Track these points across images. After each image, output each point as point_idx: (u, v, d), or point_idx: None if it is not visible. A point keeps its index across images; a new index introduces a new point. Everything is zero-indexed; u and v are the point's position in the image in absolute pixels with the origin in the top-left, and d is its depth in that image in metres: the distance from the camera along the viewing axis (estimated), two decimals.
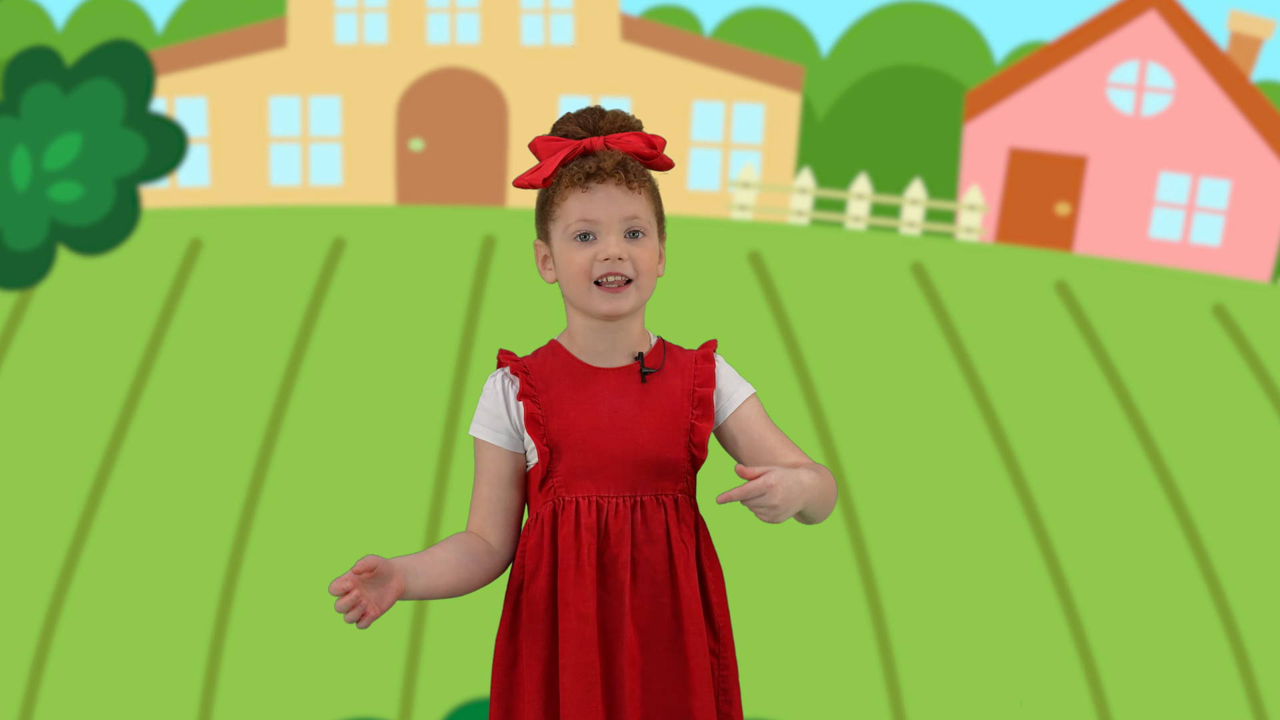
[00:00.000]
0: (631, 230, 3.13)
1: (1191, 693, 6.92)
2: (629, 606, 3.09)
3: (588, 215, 3.11)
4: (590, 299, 3.12)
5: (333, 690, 6.73)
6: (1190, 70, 8.14)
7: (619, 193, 3.12)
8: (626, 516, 3.12)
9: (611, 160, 3.12)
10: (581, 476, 3.13)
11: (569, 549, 3.10)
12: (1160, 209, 8.19)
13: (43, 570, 7.07)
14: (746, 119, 8.28)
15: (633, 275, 3.12)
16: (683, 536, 3.14)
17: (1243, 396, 7.56)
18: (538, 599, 3.12)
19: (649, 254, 3.13)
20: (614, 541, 3.11)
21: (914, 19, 8.24)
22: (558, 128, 3.18)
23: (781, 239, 8.06)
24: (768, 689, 6.39)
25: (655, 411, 3.14)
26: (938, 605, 6.97)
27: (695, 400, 3.16)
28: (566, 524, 3.11)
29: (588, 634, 3.08)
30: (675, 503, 3.14)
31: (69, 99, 7.78)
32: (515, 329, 7.43)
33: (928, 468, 7.30)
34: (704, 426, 3.16)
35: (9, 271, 7.75)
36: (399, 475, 7.12)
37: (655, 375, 3.16)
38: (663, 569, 3.12)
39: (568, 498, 3.13)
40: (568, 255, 3.13)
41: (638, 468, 3.13)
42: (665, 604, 3.12)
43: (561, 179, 3.13)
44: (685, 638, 3.11)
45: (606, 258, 3.10)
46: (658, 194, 3.18)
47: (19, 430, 7.40)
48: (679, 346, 3.22)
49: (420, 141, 8.26)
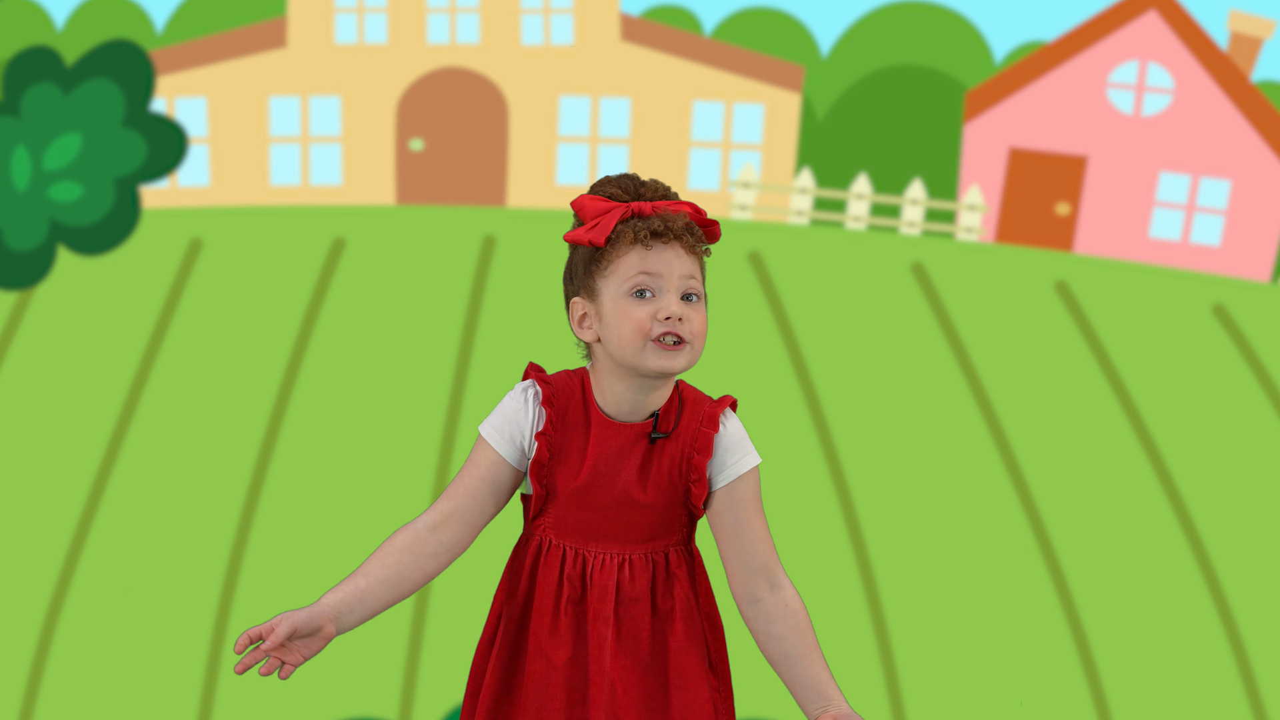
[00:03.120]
0: (688, 292, 3.11)
1: (1191, 693, 6.92)
2: (611, 664, 3.08)
3: (650, 269, 3.08)
4: (644, 355, 3.08)
5: (333, 690, 6.73)
6: (1190, 70, 8.14)
7: (682, 252, 3.10)
8: (613, 573, 3.10)
9: (680, 221, 3.10)
10: (570, 527, 3.12)
11: (547, 594, 3.10)
12: (1160, 209, 8.19)
13: (43, 570, 7.07)
14: (746, 119, 8.28)
15: (688, 338, 3.09)
16: (671, 592, 3.12)
17: (1243, 396, 7.56)
18: (510, 623, 3.12)
19: (703, 319, 3.11)
20: (596, 596, 3.10)
21: (914, 19, 8.24)
22: (598, 189, 3.16)
23: (781, 239, 8.06)
24: (768, 689, 6.39)
25: (653, 480, 3.12)
26: (938, 605, 6.97)
27: (690, 467, 3.14)
28: (550, 568, 3.11)
29: (554, 680, 3.07)
30: (666, 559, 3.14)
31: (69, 99, 7.79)
32: (515, 329, 7.44)
33: (928, 468, 7.29)
34: (699, 492, 3.13)
35: (9, 271, 7.75)
36: (398, 475, 7.12)
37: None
38: (645, 625, 3.10)
39: (555, 541, 3.12)
40: (623, 311, 3.09)
41: (630, 528, 3.11)
42: (645, 660, 3.10)
43: (623, 235, 3.10)
44: (672, 693, 3.09)
45: (668, 316, 3.07)
46: (705, 267, 3.17)
47: (19, 430, 7.40)
48: (697, 393, 3.20)
49: (420, 141, 8.26)
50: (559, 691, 3.07)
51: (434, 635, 6.87)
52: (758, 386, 7.38)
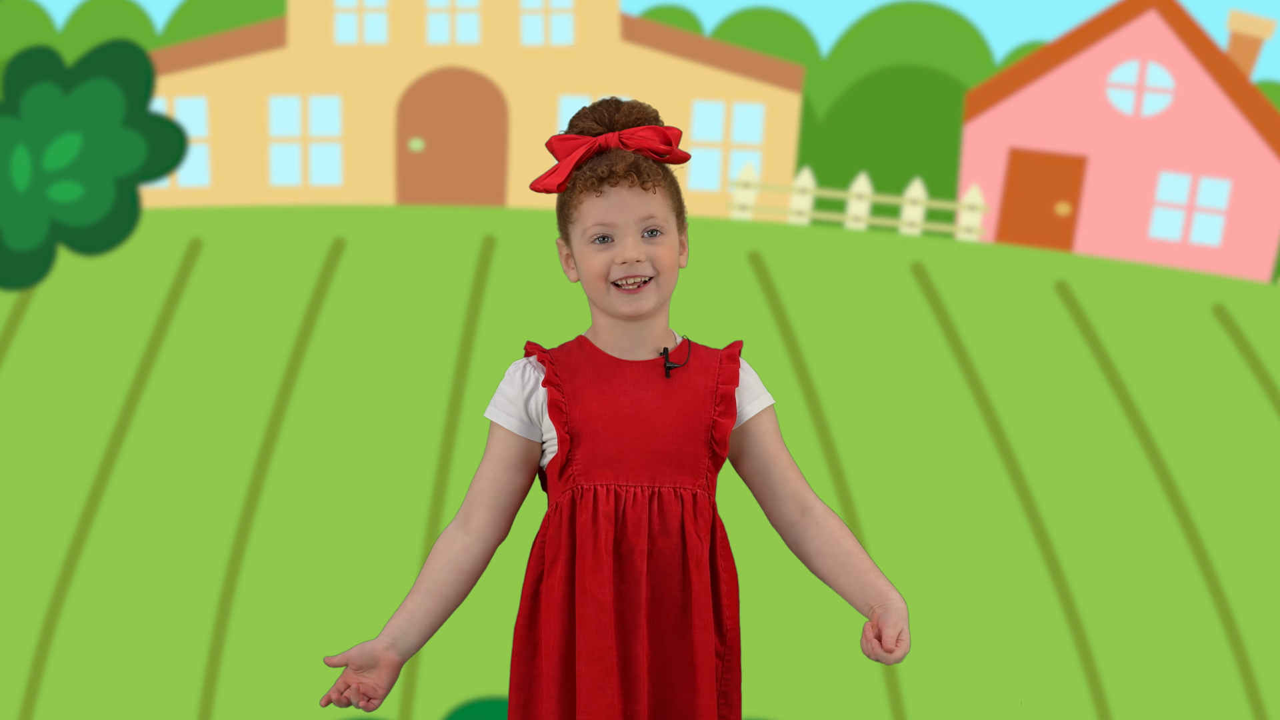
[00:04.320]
0: (649, 230, 3.13)
1: (1191, 693, 6.92)
2: (645, 597, 3.10)
3: (603, 219, 3.12)
4: (610, 301, 3.14)
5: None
6: (1190, 70, 8.14)
7: (633, 195, 3.12)
8: (644, 506, 3.12)
9: (624, 163, 3.12)
10: (600, 465, 3.13)
11: (587, 536, 3.11)
12: (1160, 209, 8.19)
13: (43, 570, 7.07)
14: (746, 119, 8.28)
15: (652, 274, 3.13)
16: (698, 531, 3.14)
17: (1243, 396, 7.56)
18: (556, 587, 3.13)
19: (667, 251, 3.13)
20: (631, 530, 3.11)
21: (914, 19, 8.24)
22: (574, 124, 3.20)
23: (781, 239, 8.06)
24: (768, 689, 6.39)
25: (677, 405, 3.15)
26: (937, 605, 6.97)
27: (718, 397, 3.17)
28: (585, 512, 3.12)
29: (604, 621, 3.08)
30: (694, 498, 3.14)
31: (69, 99, 7.78)
32: (515, 329, 7.43)
33: (928, 467, 7.30)
34: (725, 424, 3.16)
35: (9, 271, 7.75)
36: (399, 475, 7.12)
37: (679, 371, 3.16)
38: (675, 562, 3.12)
39: (586, 486, 3.13)
40: (587, 259, 3.14)
41: (657, 459, 3.13)
42: (675, 598, 3.12)
43: (576, 183, 3.14)
44: (692, 633, 3.11)
45: (624, 261, 3.11)
46: (675, 187, 3.18)
47: (19, 430, 7.40)
48: (704, 346, 3.23)
49: (420, 141, 8.26)
50: (609, 629, 3.08)
51: (434, 635, 6.86)
52: None
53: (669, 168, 3.20)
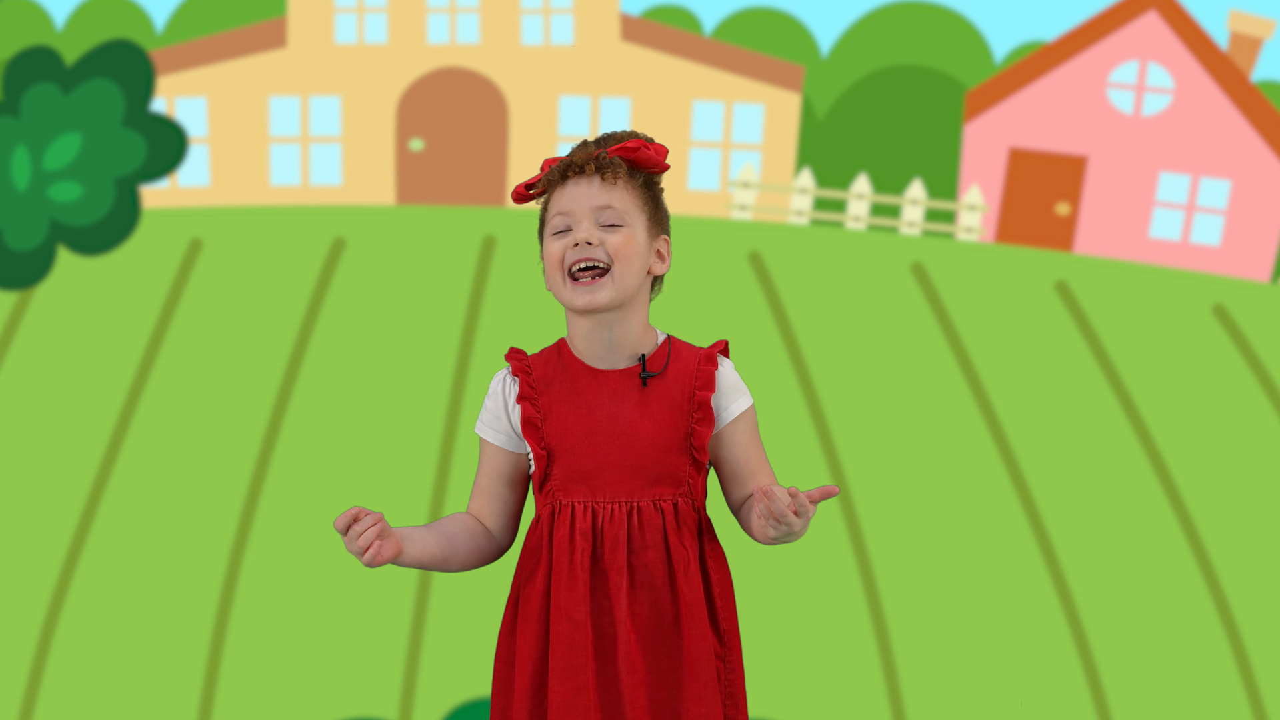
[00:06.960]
0: (608, 221, 3.12)
1: (1191, 693, 6.92)
2: (627, 613, 3.08)
3: (563, 208, 3.13)
4: (566, 293, 3.11)
5: (333, 690, 6.73)
6: (1190, 70, 8.14)
7: (593, 185, 3.12)
8: (622, 522, 3.10)
9: (584, 154, 3.13)
10: (577, 481, 3.12)
11: (563, 553, 3.10)
12: (1160, 209, 8.20)
13: (43, 570, 7.07)
14: (746, 119, 8.28)
15: (606, 262, 3.10)
16: (683, 540, 3.12)
17: (1243, 396, 7.56)
18: (533, 599, 3.12)
19: (625, 242, 3.10)
20: (609, 547, 3.10)
21: (914, 19, 8.24)
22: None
23: (781, 239, 8.06)
24: (769, 689, 6.39)
25: (654, 416, 3.12)
26: (938, 605, 6.97)
27: (695, 404, 3.14)
28: (562, 528, 3.11)
29: (578, 638, 3.07)
30: (674, 507, 3.12)
31: (69, 99, 7.79)
32: (515, 329, 7.43)
33: (928, 468, 7.30)
34: (704, 431, 3.14)
35: (9, 271, 7.75)
36: (399, 475, 7.12)
37: (656, 379, 3.14)
38: (661, 574, 3.10)
39: (564, 501, 3.12)
40: (547, 249, 3.14)
41: (634, 473, 3.11)
42: (666, 610, 3.10)
43: (545, 183, 3.16)
44: (686, 643, 3.10)
45: (576, 243, 3.10)
46: (650, 191, 3.17)
47: (19, 430, 7.40)
48: (688, 345, 3.20)
49: (420, 141, 8.26)
50: (584, 648, 3.08)
51: (434, 635, 6.87)
52: (757, 386, 7.37)
53: (651, 178, 3.18)
